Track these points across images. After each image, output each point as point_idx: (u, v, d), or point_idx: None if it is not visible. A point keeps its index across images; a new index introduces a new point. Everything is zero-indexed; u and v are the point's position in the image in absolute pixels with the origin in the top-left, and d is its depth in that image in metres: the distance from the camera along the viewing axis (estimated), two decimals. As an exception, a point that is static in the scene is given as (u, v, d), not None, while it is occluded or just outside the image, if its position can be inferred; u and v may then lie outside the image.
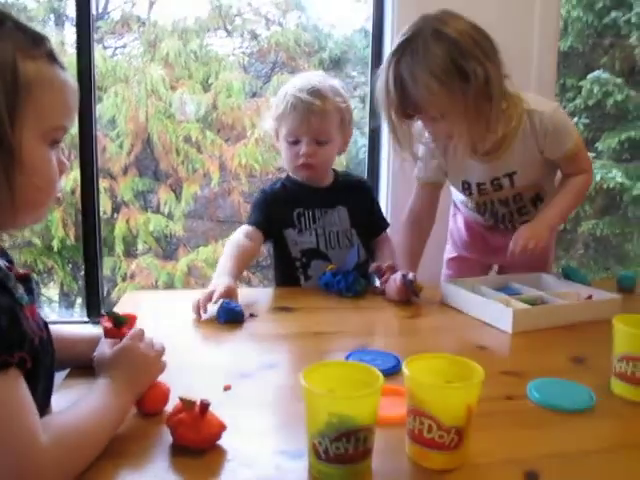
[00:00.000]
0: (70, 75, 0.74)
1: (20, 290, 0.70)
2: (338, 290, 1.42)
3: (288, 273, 1.59)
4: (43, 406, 0.72)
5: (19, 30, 0.67)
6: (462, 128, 1.32)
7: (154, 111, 5.23)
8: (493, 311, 1.23)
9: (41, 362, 0.71)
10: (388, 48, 1.95)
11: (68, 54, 4.45)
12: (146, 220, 5.32)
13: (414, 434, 0.70)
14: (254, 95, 5.82)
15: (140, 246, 5.48)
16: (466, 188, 1.55)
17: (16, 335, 0.62)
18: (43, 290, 5.29)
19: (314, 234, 1.57)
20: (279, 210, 1.58)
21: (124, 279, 5.18)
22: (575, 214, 5.42)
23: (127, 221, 5.27)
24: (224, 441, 0.74)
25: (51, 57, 0.71)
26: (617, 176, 5.52)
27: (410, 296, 1.38)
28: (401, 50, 1.29)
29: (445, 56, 1.25)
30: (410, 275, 1.36)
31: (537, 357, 1.08)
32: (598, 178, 5.46)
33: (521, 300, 1.28)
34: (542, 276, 1.49)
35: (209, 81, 5.54)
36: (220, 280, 1.34)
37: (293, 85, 1.53)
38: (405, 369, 0.70)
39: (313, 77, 1.55)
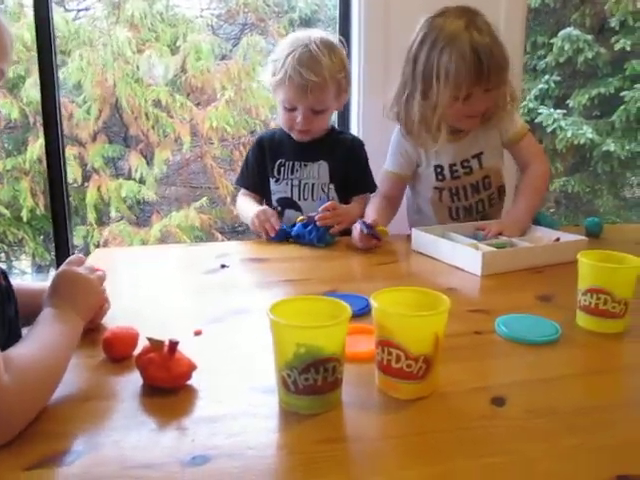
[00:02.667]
0: (3, 18, 0.72)
1: None
2: (309, 240, 1.42)
3: None
4: None
5: None
6: (497, 102, 1.49)
7: (121, 75, 5.11)
8: (463, 255, 1.24)
9: (2, 311, 0.70)
10: (355, 7, 1.93)
11: (28, 16, 4.33)
12: (118, 187, 5.24)
13: (383, 365, 0.71)
14: (223, 58, 5.71)
15: (112, 213, 5.41)
16: (439, 172, 1.59)
17: None
18: (15, 263, 5.22)
19: (289, 184, 1.62)
20: (265, 161, 1.66)
21: (97, 247, 5.12)
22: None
23: (98, 188, 5.18)
24: (195, 381, 0.74)
25: None
26: (587, 132, 5.56)
27: (373, 243, 1.39)
28: (468, 25, 1.40)
29: (499, 35, 1.44)
30: (369, 221, 1.38)
31: (505, 297, 1.10)
32: (569, 135, 5.50)
33: (490, 245, 1.29)
34: None
35: (177, 43, 5.42)
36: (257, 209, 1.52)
37: (293, 52, 1.51)
38: (373, 301, 0.70)
39: (313, 43, 1.52)
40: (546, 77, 5.75)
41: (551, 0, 5.85)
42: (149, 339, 0.73)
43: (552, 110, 5.61)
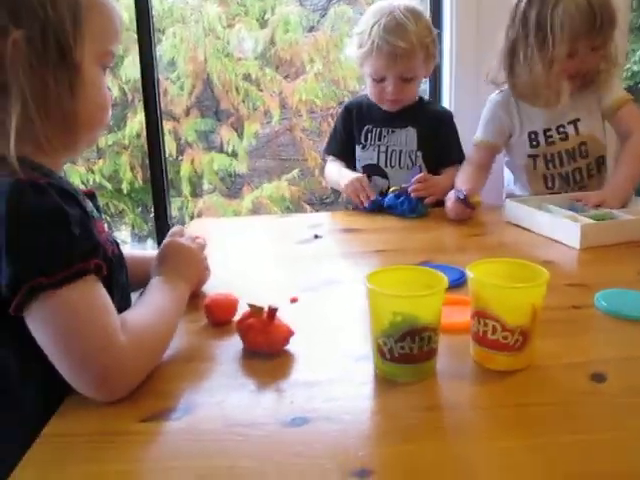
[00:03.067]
0: (114, 1, 0.76)
1: (90, 205, 0.73)
2: (402, 212, 1.42)
3: None
4: None
5: None
6: (598, 64, 1.47)
7: (212, 50, 5.21)
8: (560, 227, 1.20)
9: (115, 278, 0.75)
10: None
11: (126, -3, 4.50)
12: (210, 160, 5.39)
13: (478, 336, 0.70)
14: (311, 29, 5.70)
15: (205, 186, 5.58)
16: (533, 139, 1.56)
17: (90, 243, 0.66)
18: (116, 233, 5.49)
19: (376, 151, 1.62)
20: (352, 128, 1.66)
21: (192, 218, 5.31)
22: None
23: (192, 162, 5.34)
24: (292, 347, 0.77)
25: None
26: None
27: (467, 213, 1.38)
28: None
29: None
30: (463, 190, 1.37)
31: (605, 271, 1.06)
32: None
33: (589, 217, 1.25)
34: None
35: (265, 17, 5.46)
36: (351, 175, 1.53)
37: (378, 21, 1.50)
38: (469, 272, 0.70)
39: (397, 10, 1.50)
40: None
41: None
42: (250, 305, 0.76)
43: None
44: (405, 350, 0.66)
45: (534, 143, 1.56)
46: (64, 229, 0.63)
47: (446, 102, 1.95)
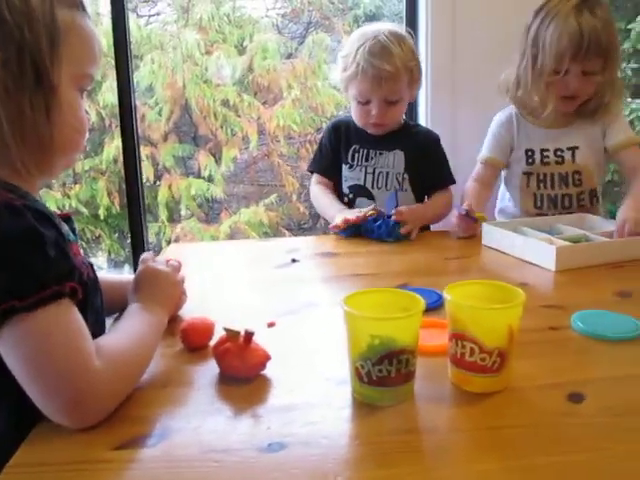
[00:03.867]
0: (93, 26, 0.76)
1: (65, 227, 0.72)
2: (379, 235, 1.42)
3: None
4: None
5: None
6: (598, 94, 1.51)
7: (191, 76, 5.24)
8: (536, 249, 1.22)
9: (90, 302, 0.74)
10: (422, 1, 1.90)
11: (104, 24, 4.50)
12: (188, 185, 5.38)
13: (456, 358, 0.70)
14: (289, 56, 5.77)
15: (183, 211, 5.56)
16: (529, 156, 1.60)
17: (65, 266, 0.65)
18: (92, 259, 5.43)
19: (363, 171, 1.62)
20: (339, 146, 1.66)
21: (169, 243, 5.28)
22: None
23: (169, 187, 5.33)
24: (268, 371, 0.76)
25: (82, 8, 0.74)
26: (673, 123, 5.31)
27: (474, 228, 1.41)
28: (581, 6, 1.43)
29: (614, 23, 1.47)
30: (463, 206, 1.40)
31: (581, 292, 1.07)
32: (653, 127, 5.27)
33: (564, 239, 1.26)
34: (587, 216, 1.47)
35: (244, 44, 5.51)
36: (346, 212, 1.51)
37: (363, 45, 1.52)
38: (446, 294, 0.70)
39: (382, 34, 1.53)
40: (623, 65, 5.51)
41: (627, -16, 5.61)
42: (226, 329, 0.75)
43: (630, 100, 5.38)
44: (383, 373, 0.65)
45: (530, 160, 1.60)
46: (39, 251, 0.62)
47: (422, 124, 1.97)
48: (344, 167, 1.65)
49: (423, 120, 1.97)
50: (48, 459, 0.60)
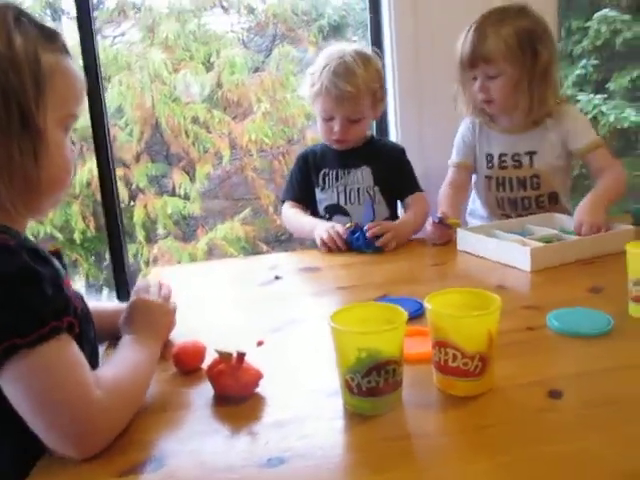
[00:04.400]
0: (76, 65, 0.79)
1: (56, 263, 0.75)
2: (358, 247, 1.45)
3: None
4: None
5: (35, 26, 0.73)
6: (508, 92, 1.54)
7: (159, 96, 5.24)
8: (511, 252, 1.26)
9: (84, 333, 0.76)
10: (386, 16, 1.95)
11: (73, 49, 4.50)
12: (163, 204, 5.37)
13: (440, 365, 0.74)
14: (257, 70, 5.80)
15: (160, 230, 5.54)
16: (489, 160, 1.67)
17: (62, 301, 0.67)
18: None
19: (335, 191, 1.67)
20: (309, 173, 1.71)
21: (147, 264, 5.26)
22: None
23: (145, 207, 5.32)
24: (262, 389, 0.79)
25: (65, 50, 0.77)
26: (631, 115, 5.43)
27: (448, 235, 1.46)
28: (488, 14, 1.54)
29: (528, 26, 1.51)
30: (437, 214, 1.46)
31: (555, 291, 1.11)
32: (611, 119, 5.38)
33: (536, 240, 1.31)
34: (555, 216, 1.52)
35: (211, 60, 5.53)
36: (325, 224, 1.54)
37: (328, 64, 1.57)
38: (427, 304, 0.73)
39: (348, 55, 1.57)
40: (583, 62, 5.64)
41: (583, -18, 5.76)
42: (218, 352, 0.78)
43: (592, 95, 5.51)
44: (372, 384, 0.69)
45: (489, 165, 1.66)
46: (36, 288, 0.64)
47: (392, 137, 2.02)
48: (317, 191, 1.69)
49: (393, 132, 2.02)
50: (55, 489, 0.62)
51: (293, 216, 1.68)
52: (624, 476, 0.58)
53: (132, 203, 5.30)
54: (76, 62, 0.79)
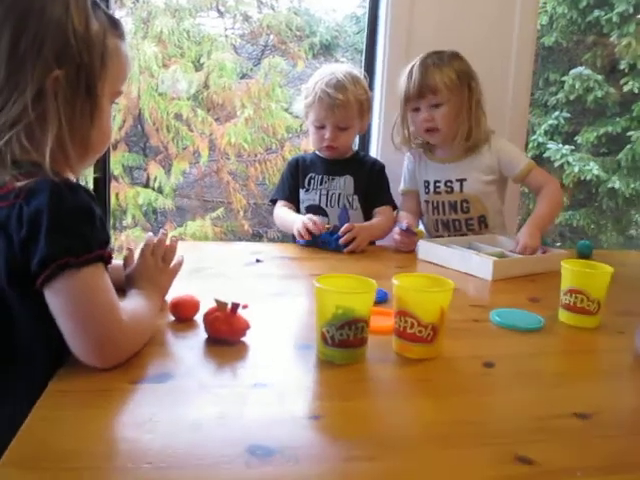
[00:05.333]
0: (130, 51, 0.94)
1: None
2: (336, 247, 1.61)
3: None
4: None
5: (104, 14, 0.89)
6: (451, 119, 1.77)
7: (146, 87, 5.33)
8: (473, 263, 1.44)
9: None
10: (381, 42, 2.15)
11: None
12: (135, 194, 5.44)
13: (399, 331, 0.90)
14: (244, 76, 5.94)
15: (128, 220, 5.59)
16: (426, 186, 1.89)
17: (106, 236, 0.82)
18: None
19: (318, 193, 1.85)
20: (298, 176, 1.89)
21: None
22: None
23: (117, 195, 5.38)
24: (248, 338, 0.93)
25: (123, 36, 0.93)
26: (594, 169, 5.74)
27: (413, 242, 1.63)
28: (427, 55, 1.78)
29: (462, 66, 1.77)
30: (404, 223, 1.64)
31: (501, 297, 1.29)
32: (576, 170, 5.68)
33: (489, 254, 1.49)
34: (497, 237, 1.74)
35: (201, 60, 5.65)
36: (302, 217, 1.70)
37: (322, 78, 1.79)
38: (395, 280, 0.90)
39: (339, 71, 1.80)
40: (556, 113, 5.95)
41: (564, 40, 6.08)
42: (216, 300, 0.92)
43: (561, 145, 5.81)
44: (343, 337, 0.84)
45: (426, 190, 1.88)
46: (90, 222, 0.79)
47: (373, 155, 2.19)
48: (301, 192, 1.88)
49: (374, 150, 2.20)
50: (77, 387, 0.75)
51: (283, 214, 1.84)
52: (539, 419, 0.74)
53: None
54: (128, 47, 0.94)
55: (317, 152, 1.91)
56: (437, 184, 1.86)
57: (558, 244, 6.28)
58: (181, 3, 5.73)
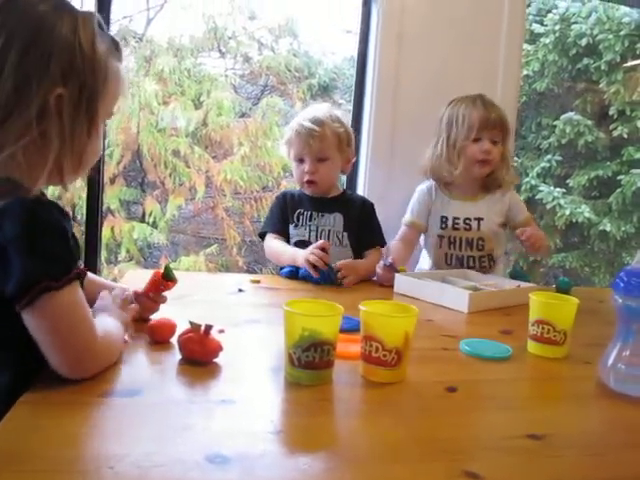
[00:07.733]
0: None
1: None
2: (317, 280, 1.65)
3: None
4: None
5: (107, 35, 0.94)
6: (500, 157, 1.91)
7: (146, 124, 5.42)
8: (450, 295, 1.48)
9: None
10: (369, 85, 2.24)
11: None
12: (130, 228, 5.48)
13: (365, 355, 0.93)
14: (243, 115, 6.03)
15: (123, 254, 5.62)
16: (444, 222, 1.96)
17: (77, 254, 0.86)
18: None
19: (307, 229, 1.87)
20: (287, 210, 1.91)
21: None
22: (545, 247, 5.73)
23: (112, 229, 5.42)
24: (220, 359, 0.96)
25: (121, 59, 0.98)
26: (585, 211, 5.82)
27: (392, 276, 1.66)
28: (478, 94, 1.92)
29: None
30: (389, 259, 1.69)
31: (473, 328, 1.33)
32: (567, 213, 5.76)
33: (462, 287, 1.53)
34: (466, 271, 1.82)
35: (201, 99, 5.76)
36: (305, 250, 1.71)
37: (301, 116, 1.87)
38: (362, 307, 0.93)
39: (317, 109, 1.89)
40: (548, 157, 6.05)
41: (555, 86, 6.22)
42: (191, 322, 0.95)
43: (552, 188, 5.89)
44: (309, 358, 0.87)
45: (443, 225, 1.95)
46: (64, 241, 0.82)
47: (360, 193, 2.26)
48: (291, 227, 1.89)
49: (361, 188, 2.26)
50: (49, 399, 0.78)
51: (275, 246, 1.86)
52: (492, 439, 0.77)
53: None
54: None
55: (302, 189, 1.93)
56: (456, 220, 1.94)
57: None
58: (183, 43, 5.87)
